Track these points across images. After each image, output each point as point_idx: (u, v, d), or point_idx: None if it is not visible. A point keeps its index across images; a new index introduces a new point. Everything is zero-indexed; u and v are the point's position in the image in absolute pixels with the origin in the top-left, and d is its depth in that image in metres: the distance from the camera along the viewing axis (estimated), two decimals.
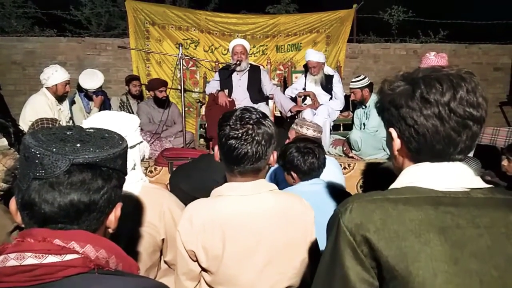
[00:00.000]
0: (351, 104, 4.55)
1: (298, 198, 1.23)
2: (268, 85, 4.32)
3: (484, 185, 0.76)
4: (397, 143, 0.80)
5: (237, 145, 1.07)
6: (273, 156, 1.16)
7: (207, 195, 1.71)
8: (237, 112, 1.12)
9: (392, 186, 0.80)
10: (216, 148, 1.17)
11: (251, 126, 1.08)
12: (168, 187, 2.64)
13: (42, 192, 0.66)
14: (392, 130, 0.80)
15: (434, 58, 3.38)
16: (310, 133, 2.53)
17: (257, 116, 1.11)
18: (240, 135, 1.07)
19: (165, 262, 1.37)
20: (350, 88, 4.05)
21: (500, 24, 6.02)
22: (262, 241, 1.12)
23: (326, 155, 1.92)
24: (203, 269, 1.16)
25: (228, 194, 1.14)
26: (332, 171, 2.19)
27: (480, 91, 0.74)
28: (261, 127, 1.09)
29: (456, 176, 0.76)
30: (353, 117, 4.32)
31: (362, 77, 4.03)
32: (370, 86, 4.00)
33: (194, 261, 1.15)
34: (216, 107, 3.94)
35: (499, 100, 5.83)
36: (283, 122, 4.83)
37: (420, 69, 0.80)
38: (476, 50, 5.84)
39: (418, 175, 0.77)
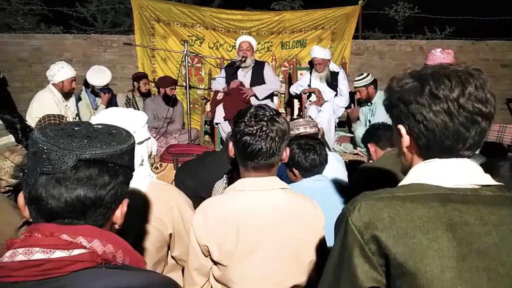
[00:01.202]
0: (357, 101, 4.52)
1: (309, 199, 1.26)
2: (271, 80, 4.29)
3: (494, 182, 0.76)
4: (406, 139, 0.80)
5: (251, 141, 1.11)
6: (286, 152, 1.19)
7: (211, 192, 1.71)
8: (252, 109, 1.16)
9: (401, 183, 0.80)
10: (231, 144, 1.20)
11: (265, 123, 1.12)
12: (173, 184, 2.64)
13: (49, 187, 0.67)
14: (401, 126, 0.80)
15: (440, 54, 3.35)
16: (302, 130, 2.49)
17: (271, 113, 1.14)
18: (254, 131, 1.11)
19: (172, 257, 1.38)
20: (355, 87, 4.03)
21: (507, 20, 5.94)
22: (272, 236, 1.14)
23: (329, 151, 1.92)
24: (215, 263, 1.18)
25: (242, 189, 1.17)
26: (336, 167, 2.18)
27: (488, 87, 0.74)
28: (275, 124, 1.12)
29: (465, 173, 0.76)
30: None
31: (365, 74, 4.00)
32: (374, 83, 3.98)
33: (206, 257, 1.17)
34: (232, 94, 3.97)
35: (506, 96, 5.77)
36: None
37: (428, 66, 0.80)
38: (482, 47, 5.77)
39: (426, 172, 0.77)
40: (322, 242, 1.22)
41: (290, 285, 1.17)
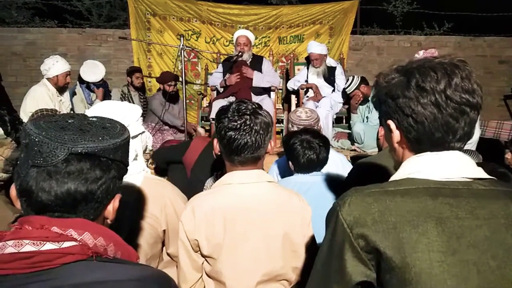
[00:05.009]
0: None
1: (296, 194, 1.27)
2: (271, 74, 4.27)
3: (486, 175, 0.76)
4: (396, 134, 0.80)
5: (236, 136, 1.11)
6: (271, 145, 1.20)
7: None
8: (233, 105, 1.16)
9: (392, 178, 0.80)
10: (215, 141, 1.20)
11: (248, 117, 1.12)
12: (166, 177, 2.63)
13: (40, 180, 0.66)
14: (390, 122, 0.80)
15: (424, 55, 3.38)
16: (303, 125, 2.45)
17: (253, 106, 1.15)
18: (238, 126, 1.11)
19: (168, 254, 1.37)
20: (348, 94, 4.03)
21: (505, 16, 5.93)
22: (259, 227, 1.15)
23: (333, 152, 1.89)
24: (205, 258, 1.18)
25: (229, 183, 1.18)
26: (335, 163, 2.18)
27: (474, 77, 0.74)
28: (258, 117, 1.13)
29: (456, 166, 0.76)
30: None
31: (350, 79, 4.01)
32: (364, 81, 3.98)
33: (196, 252, 1.17)
34: (237, 82, 3.99)
35: (503, 93, 5.78)
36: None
37: (413, 60, 0.80)
38: (480, 43, 5.77)
39: (417, 166, 0.77)
40: (309, 235, 1.22)
41: (278, 275, 1.18)
